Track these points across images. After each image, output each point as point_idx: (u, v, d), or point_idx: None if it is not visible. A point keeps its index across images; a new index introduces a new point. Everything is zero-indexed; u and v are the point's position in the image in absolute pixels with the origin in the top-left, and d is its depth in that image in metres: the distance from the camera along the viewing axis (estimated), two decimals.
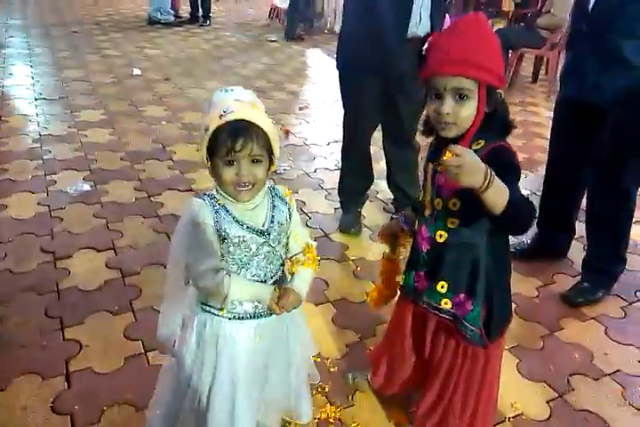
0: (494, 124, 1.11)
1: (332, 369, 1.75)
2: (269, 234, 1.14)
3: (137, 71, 5.27)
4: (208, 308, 1.18)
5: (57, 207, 2.69)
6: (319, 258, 1.27)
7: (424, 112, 1.18)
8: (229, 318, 1.17)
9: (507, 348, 1.88)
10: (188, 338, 1.19)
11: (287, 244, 1.22)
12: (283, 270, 1.22)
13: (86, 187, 2.89)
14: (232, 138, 1.03)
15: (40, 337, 1.82)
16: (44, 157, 3.26)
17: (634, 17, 1.79)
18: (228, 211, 1.11)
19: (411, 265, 1.29)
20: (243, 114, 1.05)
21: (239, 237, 1.10)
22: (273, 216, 1.15)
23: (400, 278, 1.34)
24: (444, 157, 0.93)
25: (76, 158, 3.27)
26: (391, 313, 1.48)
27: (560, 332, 1.99)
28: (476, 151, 1.04)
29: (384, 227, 1.45)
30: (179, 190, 2.93)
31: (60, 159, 3.24)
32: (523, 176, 3.31)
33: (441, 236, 1.18)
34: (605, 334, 2.00)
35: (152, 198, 2.84)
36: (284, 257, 1.21)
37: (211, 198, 1.11)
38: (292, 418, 1.47)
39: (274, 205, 1.16)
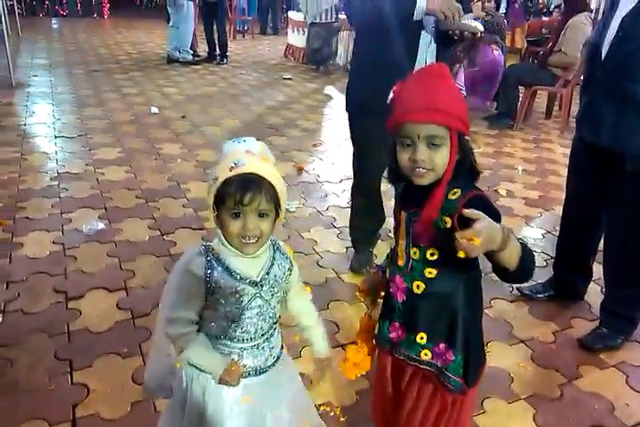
0: (463, 170, 1.11)
1: (341, 419, 1.70)
2: (262, 286, 1.12)
3: (155, 109, 5.41)
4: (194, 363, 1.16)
5: (71, 246, 2.72)
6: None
7: (390, 161, 1.17)
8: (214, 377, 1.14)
9: (523, 397, 1.83)
10: (177, 387, 1.19)
11: (286, 301, 1.21)
12: (275, 329, 1.21)
13: (101, 225, 2.93)
14: (241, 191, 1.03)
15: (48, 381, 1.81)
16: (61, 195, 3.31)
17: None
18: (221, 261, 1.09)
19: (385, 315, 1.25)
20: (253, 167, 1.05)
21: (230, 287, 1.09)
22: (270, 268, 1.14)
23: (376, 329, 1.29)
24: (475, 242, 0.90)
25: (91, 196, 3.33)
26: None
27: (578, 380, 1.93)
28: (453, 201, 1.06)
29: (364, 281, 1.38)
30: (192, 229, 2.95)
31: (77, 197, 3.30)
32: (537, 215, 3.32)
33: (418, 287, 1.15)
34: (626, 382, 1.93)
35: (165, 237, 2.86)
36: (277, 316, 1.20)
37: (206, 249, 1.11)
38: None
39: (274, 258, 1.15)
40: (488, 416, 1.74)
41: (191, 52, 8.29)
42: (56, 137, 4.44)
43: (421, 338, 1.17)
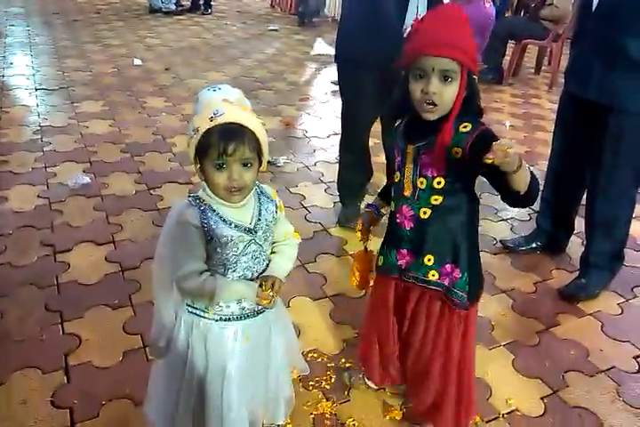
0: (470, 107, 1.17)
1: (329, 364, 1.76)
2: (256, 232, 1.14)
3: (138, 61, 5.25)
4: (194, 309, 1.18)
5: (57, 200, 2.70)
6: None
7: (396, 95, 1.23)
8: (216, 320, 1.17)
9: (502, 344, 1.90)
10: (177, 338, 1.20)
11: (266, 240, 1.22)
12: None
13: (86, 179, 2.89)
14: (224, 141, 1.03)
15: (40, 331, 1.84)
16: (45, 149, 3.26)
17: (638, 16, 1.77)
18: (214, 210, 1.10)
19: (392, 244, 1.34)
20: (234, 116, 1.04)
21: (226, 236, 1.10)
22: (260, 214, 1.15)
23: (378, 261, 1.39)
24: (508, 152, 0.96)
25: (76, 150, 3.27)
26: (368, 302, 1.55)
27: (556, 328, 2.01)
28: (464, 133, 1.14)
29: (362, 222, 1.49)
30: (178, 183, 2.94)
31: (61, 151, 3.25)
32: None
33: (425, 213, 1.24)
34: (602, 330, 2.01)
35: (152, 191, 2.84)
36: (270, 256, 1.22)
37: (195, 199, 1.11)
38: (267, 418, 1.44)
39: (260, 203, 1.17)
40: None
41: (174, 1, 7.96)
42: (36, 89, 4.32)
43: (429, 260, 1.27)
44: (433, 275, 1.28)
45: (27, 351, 1.75)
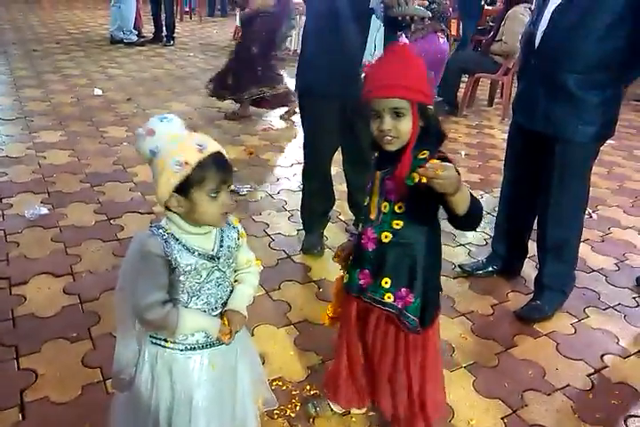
0: (430, 135, 1.27)
1: (294, 392, 1.76)
2: (219, 258, 1.16)
3: (98, 91, 5.24)
4: (157, 340, 1.17)
5: (13, 232, 2.64)
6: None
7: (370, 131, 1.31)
8: (181, 350, 1.17)
9: (463, 366, 1.95)
10: (141, 370, 1.19)
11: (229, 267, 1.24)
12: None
13: (44, 210, 2.85)
14: (222, 172, 1.07)
15: None
16: (0, 180, 3.19)
17: (575, 54, 1.91)
18: (177, 239, 1.11)
19: (356, 264, 1.40)
20: (215, 146, 1.08)
21: (190, 264, 1.11)
22: (222, 241, 1.17)
23: (345, 277, 1.44)
24: (438, 172, 1.05)
25: (33, 181, 3.22)
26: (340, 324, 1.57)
27: (514, 349, 2.06)
28: (422, 160, 1.20)
29: (341, 248, 1.53)
30: (139, 213, 2.92)
31: (18, 182, 3.19)
32: (479, 197, 3.46)
33: (386, 236, 1.31)
34: (557, 349, 2.08)
35: (112, 221, 2.82)
36: (233, 282, 1.24)
37: (158, 228, 1.12)
38: None
39: (222, 230, 1.18)
40: None
41: (136, 32, 8.03)
42: None
43: (386, 282, 1.33)
44: (389, 297, 1.33)
45: None
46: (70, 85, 5.44)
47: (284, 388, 1.78)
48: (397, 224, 1.29)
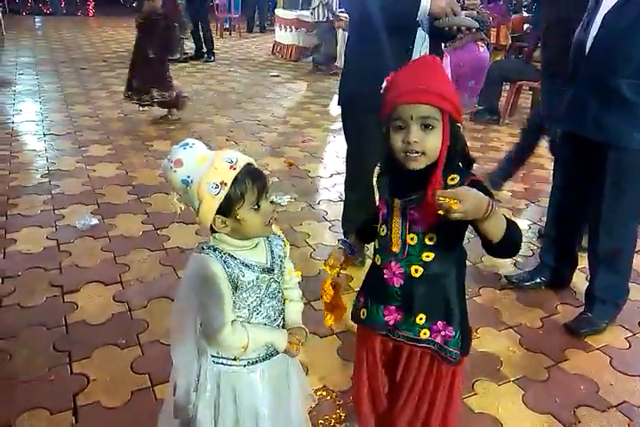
0: (456, 157, 1.13)
1: (338, 402, 1.75)
2: (274, 270, 1.16)
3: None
4: (219, 359, 1.18)
5: (65, 241, 2.73)
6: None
7: (383, 149, 1.19)
8: (244, 365, 1.18)
9: (512, 379, 1.90)
10: (204, 393, 1.18)
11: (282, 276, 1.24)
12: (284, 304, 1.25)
13: (94, 221, 2.94)
14: (259, 182, 1.06)
15: (48, 371, 1.83)
16: (53, 192, 3.32)
17: (628, 58, 1.86)
18: (234, 257, 1.11)
19: (377, 299, 1.27)
20: (245, 158, 1.08)
21: (252, 280, 1.11)
22: (272, 251, 1.18)
23: (360, 314, 1.33)
24: (453, 206, 0.94)
25: (83, 193, 3.34)
26: (355, 350, 1.47)
27: (565, 363, 2.00)
28: (453, 186, 1.08)
29: (332, 256, 1.40)
30: (184, 223, 2.98)
31: (69, 194, 3.31)
32: (524, 206, 3.40)
33: (417, 271, 1.18)
34: (610, 364, 2.00)
35: (158, 231, 2.89)
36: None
37: (214, 250, 1.10)
38: None
39: (269, 241, 1.19)
40: (479, 398, 1.80)
41: (178, 49, 8.27)
42: (45, 135, 4.43)
43: (421, 319, 1.21)
44: (424, 333, 1.22)
45: (35, 392, 1.74)
46: (117, 101, 5.62)
47: (328, 398, 1.78)
48: (428, 256, 1.16)
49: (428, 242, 1.16)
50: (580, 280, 2.49)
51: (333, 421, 1.68)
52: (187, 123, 4.99)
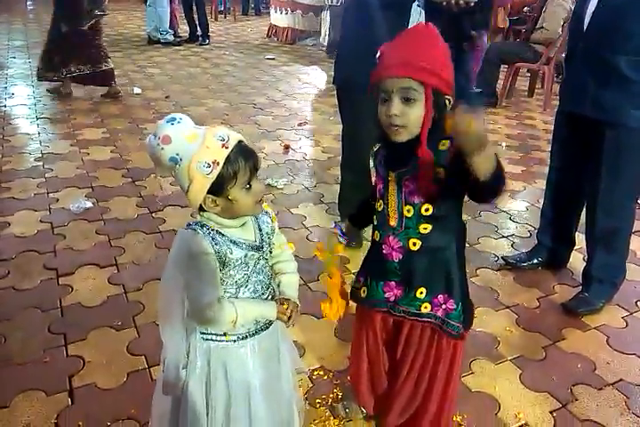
0: (442, 131, 1.10)
1: (335, 382, 1.75)
2: (262, 247, 1.15)
3: (137, 90, 5.34)
4: (209, 335, 1.16)
5: (59, 224, 2.71)
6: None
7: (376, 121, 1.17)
8: (234, 341, 1.16)
9: (509, 358, 1.90)
10: (194, 370, 1.16)
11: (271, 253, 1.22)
12: (272, 280, 1.23)
13: (88, 204, 2.92)
14: (252, 160, 1.04)
15: (43, 354, 1.82)
16: (47, 176, 3.29)
17: (627, 34, 1.83)
18: (222, 234, 1.09)
19: (377, 276, 1.27)
20: (236, 135, 1.04)
21: (240, 257, 1.10)
22: (260, 229, 1.16)
23: (362, 291, 1.32)
24: (469, 126, 0.90)
25: (77, 176, 3.31)
26: (353, 329, 1.47)
27: (562, 342, 2.00)
28: (444, 151, 1.09)
29: (324, 242, 1.43)
30: (180, 206, 2.95)
31: (62, 177, 3.28)
32: (521, 188, 3.38)
33: (414, 243, 1.18)
34: (607, 343, 2.00)
35: (154, 215, 2.86)
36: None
37: (202, 226, 1.08)
38: None
39: (256, 218, 1.17)
40: (476, 376, 1.80)
41: (172, 32, 8.15)
42: (38, 118, 4.38)
43: (421, 293, 1.22)
44: (425, 307, 1.23)
45: (30, 374, 1.73)
46: None
47: (325, 377, 1.77)
48: (425, 228, 1.16)
49: (424, 213, 1.16)
50: (577, 261, 2.48)
51: (331, 400, 1.67)
52: (183, 106, 4.93)
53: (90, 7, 4.53)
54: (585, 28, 1.94)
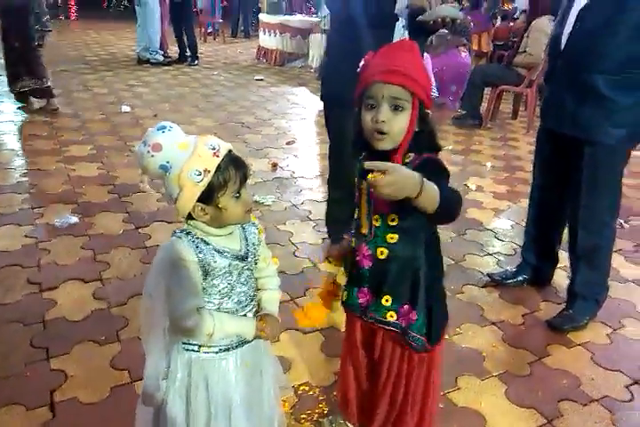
0: (422, 143, 1.14)
1: (320, 397, 1.73)
2: (247, 257, 1.15)
3: (126, 108, 5.36)
4: (191, 346, 1.15)
5: (44, 239, 2.68)
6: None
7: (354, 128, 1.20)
8: (216, 352, 1.15)
9: (494, 374, 1.90)
10: (174, 382, 1.15)
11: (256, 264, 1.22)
12: (255, 292, 1.23)
13: (74, 219, 2.90)
14: (242, 169, 1.05)
15: (25, 368, 1.79)
16: (32, 191, 3.27)
17: (602, 55, 1.89)
18: (207, 242, 1.09)
19: (353, 282, 1.30)
20: (225, 144, 1.05)
21: (224, 267, 1.10)
22: (246, 239, 1.16)
23: (343, 296, 1.34)
24: (373, 179, 0.95)
25: (63, 192, 3.29)
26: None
27: (547, 358, 2.01)
28: (408, 164, 1.10)
29: (335, 248, 1.40)
30: (166, 222, 2.95)
31: (48, 193, 3.25)
32: (506, 207, 3.43)
33: (382, 253, 1.21)
34: (592, 360, 2.01)
35: (140, 230, 2.85)
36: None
37: (187, 234, 1.09)
38: None
39: (243, 228, 1.17)
40: (462, 392, 1.80)
41: (162, 52, 8.24)
42: (23, 135, 4.36)
43: (387, 300, 1.24)
44: (391, 316, 1.24)
45: (11, 388, 1.70)
46: (99, 103, 5.58)
47: (311, 393, 1.76)
48: (392, 238, 1.18)
49: (390, 223, 1.18)
50: (561, 278, 2.51)
51: (316, 415, 1.66)
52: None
53: (36, 26, 4.67)
54: (562, 48, 2.01)
